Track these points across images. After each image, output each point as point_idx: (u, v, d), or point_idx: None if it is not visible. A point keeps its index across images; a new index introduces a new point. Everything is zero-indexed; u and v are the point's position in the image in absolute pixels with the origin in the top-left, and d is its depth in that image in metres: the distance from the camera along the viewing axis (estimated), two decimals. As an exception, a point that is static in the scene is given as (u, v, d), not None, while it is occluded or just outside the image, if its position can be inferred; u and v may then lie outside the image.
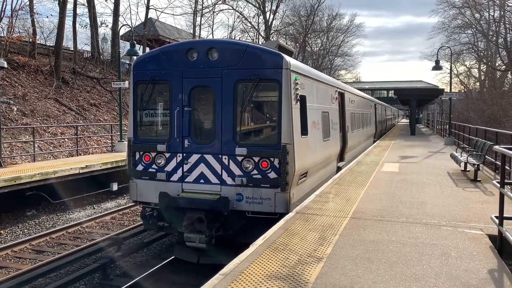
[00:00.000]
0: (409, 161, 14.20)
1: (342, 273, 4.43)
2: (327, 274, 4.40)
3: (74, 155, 17.10)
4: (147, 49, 34.37)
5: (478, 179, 10.32)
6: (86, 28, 29.00)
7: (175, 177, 8.27)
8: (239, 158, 7.90)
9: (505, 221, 5.43)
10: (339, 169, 12.50)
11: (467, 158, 11.26)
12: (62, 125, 19.06)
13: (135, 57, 15.11)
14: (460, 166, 11.99)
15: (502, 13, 39.39)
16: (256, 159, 7.85)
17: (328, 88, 11.68)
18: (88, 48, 31.75)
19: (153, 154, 8.42)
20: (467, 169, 11.60)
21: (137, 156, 8.60)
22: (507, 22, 38.45)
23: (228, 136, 7.97)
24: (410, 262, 4.74)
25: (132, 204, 13.76)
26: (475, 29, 43.93)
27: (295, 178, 7.99)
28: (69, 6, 26.03)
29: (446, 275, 4.36)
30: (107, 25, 30.89)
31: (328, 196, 8.38)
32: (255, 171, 7.86)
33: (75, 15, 27.13)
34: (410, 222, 6.45)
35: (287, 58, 8.02)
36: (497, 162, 11.76)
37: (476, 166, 10.54)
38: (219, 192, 7.98)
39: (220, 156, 8.02)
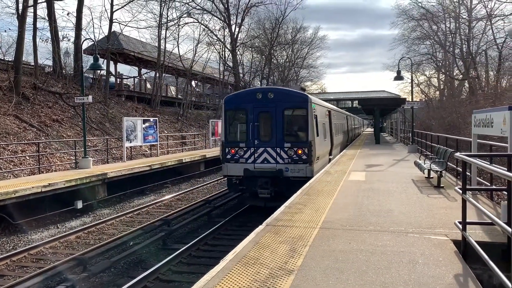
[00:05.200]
0: (375, 169, 14.48)
1: (313, 285, 4.42)
2: (299, 287, 4.39)
3: (36, 173, 16.51)
4: (111, 63, 33.88)
5: (441, 185, 10.62)
6: (47, 42, 28.23)
7: (250, 160, 14.43)
8: (286, 149, 14.13)
9: (468, 226, 5.59)
10: (330, 160, 18.28)
11: (430, 165, 11.58)
12: (23, 142, 18.40)
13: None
14: (423, 173, 12.31)
15: (457, 25, 41.15)
16: (295, 149, 14.10)
17: (324, 109, 18.09)
18: (50, 62, 30.93)
19: (236, 149, 14.53)
20: (431, 176, 11.93)
21: (227, 150, 14.67)
22: (462, 34, 40.19)
23: (280, 137, 14.27)
24: (379, 271, 4.79)
25: (98, 222, 13.43)
26: (433, 40, 45.64)
27: (315, 159, 14.26)
28: (29, 20, 25.35)
29: (414, 282, 4.43)
30: (69, 39, 30.21)
31: (297, 207, 8.41)
32: (295, 155, 14.09)
33: (35, 29, 26.40)
34: (378, 230, 6.54)
35: (310, 96, 14.83)
36: (459, 168, 12.15)
37: (439, 173, 10.86)
38: (275, 167, 14.14)
39: (275, 148, 14.24)
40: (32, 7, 25.37)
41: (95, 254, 9.93)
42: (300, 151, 14.01)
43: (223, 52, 47.76)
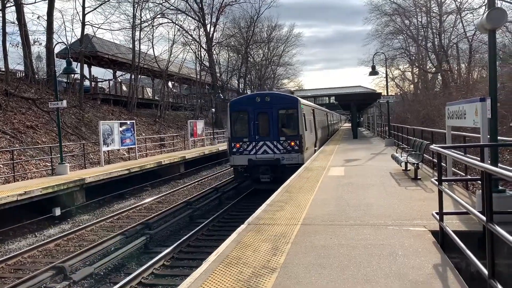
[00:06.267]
0: (354, 164, 14.66)
1: (296, 282, 4.45)
2: (282, 284, 4.42)
3: (11, 182, 16.12)
4: (85, 66, 33.30)
5: (418, 177, 10.82)
6: (17, 47, 27.52)
7: (252, 152, 17.33)
8: (281, 141, 17.12)
9: (445, 216, 5.71)
10: (315, 151, 21.31)
11: (407, 158, 11.80)
12: (-4, 150, 17.92)
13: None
14: (401, 166, 12.52)
15: (428, 19, 41.90)
16: (289, 141, 17.05)
17: (309, 108, 21.42)
18: (22, 67, 30.20)
19: (241, 143, 17.37)
20: (408, 169, 12.14)
21: (233, 145, 17.48)
22: (433, 28, 40.96)
23: (276, 133, 17.22)
24: (360, 264, 4.86)
25: (78, 228, 13.23)
26: (406, 35, 46.35)
27: (304, 149, 17.21)
28: (-2, 24, 24.69)
29: (395, 274, 4.51)
30: (41, 43, 29.50)
31: (279, 205, 8.44)
32: (288, 146, 17.04)
33: (4, 33, 25.68)
34: (358, 224, 6.63)
35: (299, 98, 18.07)
36: (435, 160, 12.40)
37: (415, 165, 11.06)
38: (273, 157, 17.08)
39: (273, 141, 17.18)
40: (0, 11, 24.71)
41: (75, 261, 9.77)
42: (293, 143, 17.06)
43: (199, 52, 47.57)
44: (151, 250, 11.01)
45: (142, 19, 36.93)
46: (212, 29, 47.88)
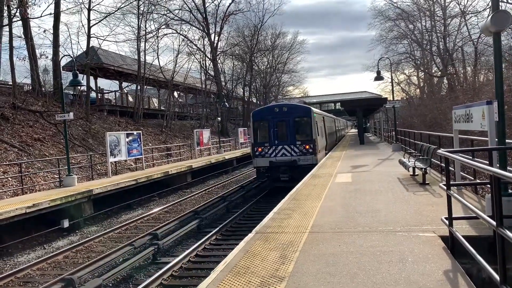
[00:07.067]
0: (361, 170, 14.58)
1: (305, 291, 4.41)
2: (291, 293, 4.38)
3: (19, 194, 16.21)
4: (91, 78, 33.58)
5: (426, 182, 10.74)
6: (24, 60, 27.85)
7: (273, 155, 19.82)
8: (297, 145, 19.57)
9: (454, 221, 5.65)
10: (326, 154, 23.20)
11: (414, 163, 11.71)
12: (4, 163, 18.06)
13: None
14: (409, 171, 12.43)
15: (433, 23, 41.83)
16: (304, 145, 19.50)
17: (320, 116, 23.76)
18: (29, 81, 30.55)
19: (262, 147, 19.94)
20: (416, 174, 12.05)
21: (256, 149, 20.09)
22: (438, 31, 40.89)
23: (292, 138, 19.69)
24: (370, 272, 4.81)
25: (86, 240, 13.24)
26: (410, 39, 46.25)
27: (318, 152, 19.57)
28: (4, 39, 25.00)
29: (404, 281, 4.46)
30: (47, 57, 29.79)
31: (286, 212, 8.41)
32: (304, 149, 19.47)
33: (11, 48, 26.02)
34: (367, 231, 6.58)
35: (311, 108, 20.95)
36: (442, 164, 12.30)
37: (423, 170, 10.97)
38: (291, 158, 19.56)
39: (290, 145, 19.67)
40: (7, 26, 25.05)
41: (84, 273, 9.76)
42: (307, 146, 19.50)
43: (204, 61, 47.81)
44: (159, 260, 10.98)
45: (146, 30, 37.31)
46: (216, 38, 48.16)
